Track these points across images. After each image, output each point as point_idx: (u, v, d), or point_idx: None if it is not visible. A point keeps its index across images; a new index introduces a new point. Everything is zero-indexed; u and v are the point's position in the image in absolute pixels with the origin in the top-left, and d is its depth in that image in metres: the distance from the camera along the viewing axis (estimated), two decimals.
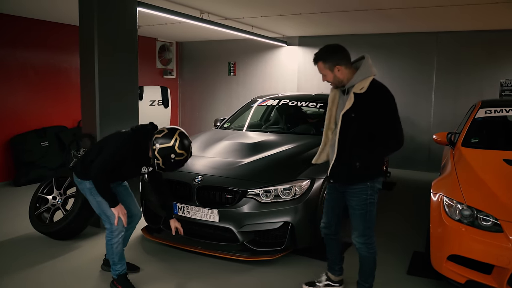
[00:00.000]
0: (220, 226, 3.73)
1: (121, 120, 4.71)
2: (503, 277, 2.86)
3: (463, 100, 7.56)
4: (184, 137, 3.15)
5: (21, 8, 6.11)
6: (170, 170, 3.22)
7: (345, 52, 2.90)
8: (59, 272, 3.66)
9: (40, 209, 4.41)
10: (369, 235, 2.96)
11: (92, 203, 3.29)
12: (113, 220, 3.17)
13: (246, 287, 3.44)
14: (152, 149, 3.12)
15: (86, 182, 3.27)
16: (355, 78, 2.84)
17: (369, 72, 2.84)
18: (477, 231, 3.01)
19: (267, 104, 5.79)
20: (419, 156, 8.07)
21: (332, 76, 2.90)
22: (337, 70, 2.86)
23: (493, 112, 4.59)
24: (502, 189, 3.22)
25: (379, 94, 2.82)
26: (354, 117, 2.81)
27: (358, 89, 2.80)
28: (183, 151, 3.12)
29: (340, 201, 3.09)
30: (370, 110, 2.79)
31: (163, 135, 3.12)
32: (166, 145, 3.08)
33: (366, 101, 2.79)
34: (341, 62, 2.86)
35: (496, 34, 7.32)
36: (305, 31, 8.29)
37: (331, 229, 3.19)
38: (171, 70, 9.93)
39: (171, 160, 3.11)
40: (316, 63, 2.94)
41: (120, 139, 3.23)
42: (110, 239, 3.20)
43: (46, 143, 6.97)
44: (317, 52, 2.92)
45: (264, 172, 3.89)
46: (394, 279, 3.59)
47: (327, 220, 3.20)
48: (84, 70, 4.56)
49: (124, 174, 3.37)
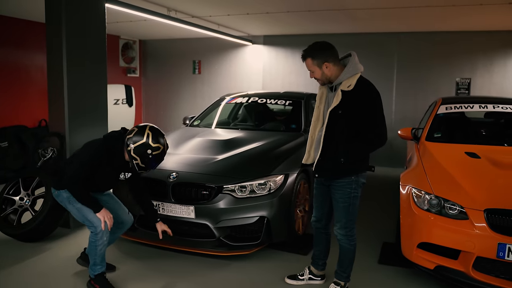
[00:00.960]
0: (196, 222, 3.74)
1: (90, 118, 4.63)
2: (468, 261, 3.05)
3: (422, 97, 7.91)
4: (156, 131, 3.15)
5: None
6: (151, 168, 3.20)
7: (333, 50, 2.98)
8: (30, 275, 3.55)
9: (6, 211, 4.25)
10: (350, 227, 3.07)
11: (73, 212, 3.20)
12: (98, 224, 3.10)
13: (227, 282, 3.47)
14: (127, 150, 3.10)
15: (62, 192, 3.21)
16: (343, 76, 2.93)
17: (356, 69, 2.94)
18: (445, 219, 3.19)
19: (236, 102, 5.83)
20: (381, 152, 8.28)
21: (320, 73, 2.98)
22: (325, 67, 2.94)
23: (453, 109, 4.85)
24: (466, 180, 3.42)
25: (366, 92, 2.92)
26: (341, 114, 2.89)
27: (345, 86, 2.90)
28: (158, 144, 3.11)
29: (327, 195, 3.17)
30: (356, 107, 2.88)
31: (134, 134, 3.10)
32: (140, 142, 3.07)
33: (353, 98, 2.88)
34: (329, 59, 2.94)
35: (453, 35, 7.72)
36: (271, 30, 8.39)
37: (321, 223, 3.28)
38: (134, 69, 9.78)
39: (149, 157, 3.10)
40: (304, 60, 3.00)
41: (92, 147, 3.18)
42: (95, 241, 3.13)
43: (6, 143, 6.70)
44: (306, 49, 2.99)
45: (239, 168, 3.94)
46: (366, 268, 3.73)
47: (317, 214, 3.28)
48: (52, 67, 4.44)
49: (102, 182, 3.30)
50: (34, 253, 3.94)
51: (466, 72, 7.78)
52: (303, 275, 3.44)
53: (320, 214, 3.27)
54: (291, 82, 8.79)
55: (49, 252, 4.00)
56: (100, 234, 3.11)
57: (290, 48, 8.83)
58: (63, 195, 3.21)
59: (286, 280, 3.45)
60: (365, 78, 2.99)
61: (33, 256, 3.88)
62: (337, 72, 2.96)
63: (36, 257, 3.88)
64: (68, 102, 4.39)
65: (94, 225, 3.11)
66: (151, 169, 3.22)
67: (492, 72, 7.64)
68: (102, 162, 3.15)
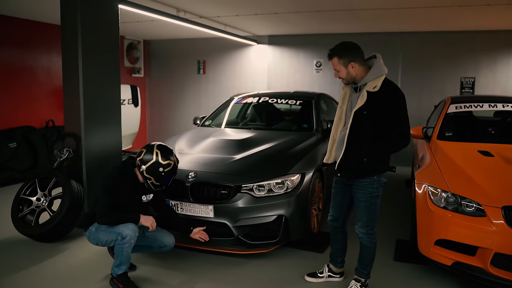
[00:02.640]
0: (215, 221, 3.79)
1: (105, 118, 4.67)
2: (487, 257, 3.11)
3: (426, 97, 8.00)
4: (164, 148, 3.33)
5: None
6: (166, 184, 3.38)
7: (360, 50, 3.03)
8: (49, 275, 3.58)
9: (23, 211, 4.29)
10: (371, 226, 3.13)
11: (104, 237, 3.25)
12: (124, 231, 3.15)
13: (246, 280, 3.52)
14: (140, 172, 3.29)
15: (91, 229, 3.32)
16: (368, 77, 2.98)
17: (381, 71, 2.99)
18: (462, 216, 3.25)
19: (246, 101, 5.88)
20: None
21: (346, 72, 3.02)
22: (351, 66, 2.99)
23: (463, 108, 4.92)
24: (482, 177, 3.48)
25: (391, 93, 2.96)
26: (366, 114, 2.94)
27: (371, 87, 2.94)
28: (168, 161, 3.30)
29: (347, 194, 3.22)
30: (381, 109, 2.92)
31: (144, 155, 3.29)
32: (151, 162, 3.26)
33: (378, 99, 2.93)
34: (356, 59, 2.99)
35: (456, 35, 7.80)
36: (276, 30, 8.44)
37: (339, 222, 3.33)
38: (139, 69, 9.80)
39: (161, 174, 3.28)
40: (330, 59, 3.05)
41: (108, 176, 3.30)
42: (122, 245, 3.18)
43: (14, 144, 6.73)
44: (332, 48, 3.04)
45: (257, 167, 3.99)
46: (383, 264, 3.79)
47: (335, 213, 3.33)
48: (67, 68, 4.47)
49: (128, 208, 3.35)
50: (52, 254, 3.98)
51: (470, 71, 7.87)
52: (323, 273, 3.49)
53: (338, 213, 3.32)
54: (296, 81, 8.85)
55: (67, 252, 4.03)
56: (128, 238, 3.16)
57: (295, 47, 8.88)
58: (91, 230, 3.32)
59: (306, 278, 3.50)
60: (390, 80, 3.05)
61: (51, 257, 3.92)
62: (363, 73, 3.02)
63: (54, 257, 3.92)
64: (84, 102, 4.42)
65: (122, 234, 3.16)
66: (167, 185, 3.41)
67: (496, 71, 7.73)
68: (121, 188, 3.27)
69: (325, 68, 8.71)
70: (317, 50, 8.73)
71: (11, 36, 6.92)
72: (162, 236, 3.50)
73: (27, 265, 3.73)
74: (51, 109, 7.58)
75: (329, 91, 8.16)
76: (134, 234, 3.19)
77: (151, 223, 3.28)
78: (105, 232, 3.24)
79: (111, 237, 3.21)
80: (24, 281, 3.47)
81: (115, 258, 3.27)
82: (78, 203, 4.22)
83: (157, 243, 3.49)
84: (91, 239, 3.35)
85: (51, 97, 7.61)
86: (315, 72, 8.77)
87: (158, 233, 3.48)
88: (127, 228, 3.17)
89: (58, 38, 4.67)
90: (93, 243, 3.36)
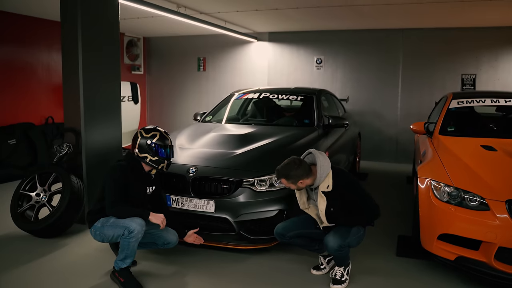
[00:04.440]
0: (216, 216, 3.76)
1: (105, 114, 4.64)
2: (490, 252, 3.09)
3: (427, 93, 7.97)
4: (146, 127, 3.45)
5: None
6: (164, 156, 3.40)
7: (305, 164, 3.19)
8: (49, 270, 3.56)
9: (23, 207, 4.26)
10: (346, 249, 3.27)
11: (110, 232, 3.20)
12: (132, 226, 3.10)
13: (248, 275, 3.49)
14: (137, 156, 3.36)
15: (96, 225, 3.28)
16: (318, 180, 3.17)
17: (327, 169, 3.19)
18: (465, 210, 3.23)
19: (247, 97, 5.85)
20: (387, 148, 8.42)
21: (296, 187, 3.24)
22: (300, 183, 3.19)
23: (465, 103, 4.89)
24: (485, 171, 3.46)
25: (345, 184, 3.23)
26: (333, 210, 3.20)
27: (324, 188, 3.18)
28: (152, 132, 3.40)
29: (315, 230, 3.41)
30: (343, 199, 3.21)
31: (132, 143, 3.40)
32: (138, 141, 3.36)
33: (336, 194, 3.19)
34: (303, 176, 3.17)
35: (457, 31, 7.77)
36: (276, 27, 8.41)
37: (285, 237, 3.42)
38: (139, 66, 9.77)
39: (153, 146, 3.34)
40: (278, 179, 3.26)
41: (112, 171, 3.30)
42: (129, 239, 3.12)
43: (14, 141, 6.69)
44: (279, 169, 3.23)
45: (258, 162, 3.96)
46: (385, 260, 3.77)
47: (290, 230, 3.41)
48: (67, 62, 4.43)
49: (134, 200, 3.33)
50: (52, 249, 3.95)
51: (471, 68, 7.84)
52: (323, 264, 3.53)
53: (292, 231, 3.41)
54: (297, 78, 8.81)
55: (67, 248, 4.01)
56: (135, 232, 3.10)
57: (295, 44, 8.85)
58: (97, 226, 3.27)
59: (312, 271, 3.53)
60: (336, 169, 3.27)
61: (51, 252, 3.89)
62: (312, 180, 3.20)
63: (54, 252, 3.89)
64: (84, 97, 4.38)
65: (129, 229, 3.11)
66: (166, 158, 3.43)
67: (497, 67, 7.70)
68: (129, 178, 3.28)
69: (326, 65, 8.68)
70: (318, 47, 8.69)
71: (11, 33, 6.88)
72: (166, 233, 3.45)
73: (26, 260, 3.70)
74: (50, 106, 7.54)
75: (329, 88, 8.15)
76: (142, 229, 3.14)
77: (161, 221, 3.23)
78: (111, 227, 3.18)
79: (118, 232, 3.14)
80: (23, 276, 3.44)
81: (119, 252, 3.22)
82: (78, 198, 4.19)
83: (161, 240, 3.44)
84: (97, 235, 3.28)
85: (50, 94, 7.57)
86: (316, 69, 8.74)
87: (163, 230, 3.43)
88: (135, 222, 3.11)
89: (58, 35, 4.62)
90: (99, 240, 3.30)
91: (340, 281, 3.27)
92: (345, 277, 3.29)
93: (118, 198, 3.19)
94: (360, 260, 3.67)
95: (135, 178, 3.34)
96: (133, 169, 3.34)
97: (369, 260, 3.72)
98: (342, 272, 3.29)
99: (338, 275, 3.29)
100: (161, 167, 3.42)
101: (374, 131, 8.41)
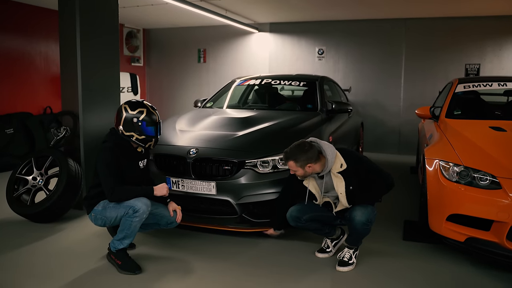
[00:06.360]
0: (217, 199, 3.65)
1: (103, 96, 4.54)
2: (502, 232, 2.98)
3: (430, 84, 7.86)
4: (132, 102, 3.19)
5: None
6: (151, 134, 3.16)
7: (314, 149, 3.06)
8: (45, 253, 3.44)
9: (19, 191, 4.14)
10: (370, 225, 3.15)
11: (113, 213, 3.04)
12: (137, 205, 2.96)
13: (249, 259, 3.38)
14: (122, 134, 3.12)
15: (96, 209, 3.12)
16: (330, 161, 3.06)
17: (333, 151, 3.09)
18: (476, 189, 3.12)
19: (248, 84, 5.74)
20: (390, 139, 8.31)
21: (303, 172, 3.09)
22: (308, 167, 3.06)
23: (472, 87, 4.78)
24: (496, 150, 3.35)
25: (357, 159, 3.17)
26: (352, 188, 3.10)
27: (338, 168, 3.08)
28: (139, 109, 3.12)
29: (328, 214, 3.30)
30: (359, 175, 3.12)
31: (116, 118, 3.15)
32: (123, 118, 3.10)
33: (351, 172, 3.10)
34: (311, 160, 3.04)
35: (461, 21, 7.66)
36: (277, 17, 8.30)
37: (301, 221, 3.27)
38: (138, 58, 9.66)
39: (139, 124, 3.10)
40: (286, 162, 3.11)
41: (103, 152, 3.09)
42: (131, 218, 2.97)
43: (11, 130, 6.58)
44: (288, 151, 3.09)
45: (261, 143, 3.85)
46: (392, 244, 3.67)
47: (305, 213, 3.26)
48: (65, 46, 4.35)
49: (130, 178, 3.17)
50: (48, 233, 3.84)
51: (475, 58, 7.73)
52: (329, 247, 3.43)
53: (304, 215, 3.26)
54: (298, 69, 8.70)
55: (64, 232, 3.90)
56: (141, 212, 2.96)
57: (296, 35, 8.74)
58: (98, 209, 3.11)
59: (317, 254, 3.42)
60: (343, 150, 3.19)
61: (47, 236, 3.78)
62: (321, 166, 3.09)
63: (50, 236, 3.78)
64: (82, 80, 4.28)
65: (134, 208, 2.96)
66: (153, 135, 3.18)
67: (502, 57, 7.59)
68: (120, 158, 3.09)
69: (328, 55, 8.57)
70: (319, 37, 8.59)
71: (9, 22, 6.77)
72: (168, 213, 3.29)
73: (21, 244, 3.58)
74: (49, 96, 7.44)
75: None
76: (147, 209, 3.00)
77: (166, 190, 3.12)
78: (114, 208, 3.02)
79: (121, 212, 2.98)
80: (16, 259, 3.32)
81: (118, 232, 3.07)
82: (75, 182, 4.08)
83: (164, 219, 3.26)
84: (98, 219, 3.11)
85: (49, 84, 7.47)
86: (317, 59, 8.63)
87: (165, 209, 3.28)
88: (141, 201, 2.97)
89: (56, 24, 4.48)
90: (100, 224, 3.14)
91: (348, 263, 3.16)
92: (353, 260, 3.18)
93: (117, 183, 3.01)
94: (366, 244, 3.55)
95: (126, 157, 3.14)
96: (121, 148, 3.12)
97: (375, 244, 3.61)
98: (351, 254, 3.18)
99: (347, 257, 3.18)
100: (148, 146, 3.21)
101: (376, 123, 8.30)
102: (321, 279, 3.04)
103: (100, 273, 3.10)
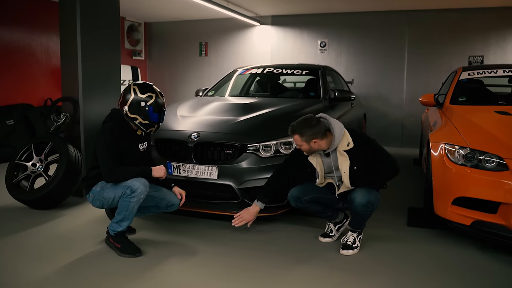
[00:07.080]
0: (219, 183, 3.59)
1: (104, 83, 4.50)
2: (510, 214, 2.91)
3: (433, 76, 7.78)
4: (142, 84, 3.10)
5: None
6: (155, 120, 3.10)
7: (321, 124, 3.01)
8: (44, 238, 3.38)
9: (18, 177, 4.10)
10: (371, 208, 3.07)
11: (110, 193, 2.98)
12: (135, 184, 2.90)
13: (250, 245, 3.32)
14: (125, 115, 3.05)
15: (94, 190, 3.06)
16: (337, 138, 3.00)
17: (342, 128, 3.03)
18: (482, 171, 3.06)
19: (251, 73, 5.69)
20: (393, 131, 8.25)
21: (309, 147, 3.03)
22: (313, 142, 3.00)
23: (476, 74, 4.72)
24: (502, 133, 3.29)
25: (366, 140, 3.09)
26: (357, 169, 3.02)
27: (345, 146, 3.01)
28: (148, 93, 3.05)
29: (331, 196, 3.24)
30: (366, 157, 3.03)
31: (122, 97, 3.06)
32: (130, 99, 3.02)
33: (358, 152, 3.02)
34: (317, 135, 2.98)
35: (464, 12, 7.60)
36: (280, 9, 8.25)
37: (302, 201, 3.22)
38: (139, 51, 9.61)
39: (146, 109, 3.03)
40: (292, 135, 3.05)
41: (102, 133, 3.04)
42: (129, 199, 2.92)
43: (12, 121, 6.55)
44: (294, 124, 3.03)
45: (263, 127, 3.80)
46: (396, 230, 3.61)
47: (306, 194, 3.20)
48: (65, 32, 4.32)
49: (129, 160, 3.11)
50: (47, 219, 3.79)
51: (478, 50, 7.67)
52: (332, 231, 3.37)
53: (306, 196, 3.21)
54: (300, 62, 8.61)
55: (63, 218, 3.85)
56: (138, 191, 2.91)
57: (298, 28, 8.69)
58: (96, 190, 3.05)
59: (320, 239, 3.36)
60: (351, 130, 3.11)
61: (46, 222, 3.73)
62: (326, 143, 3.02)
63: (49, 222, 3.73)
64: (82, 66, 4.24)
65: (132, 188, 2.91)
66: (156, 122, 3.13)
67: (505, 49, 7.52)
68: (119, 139, 3.03)
69: (330, 48, 8.51)
70: (321, 30, 8.53)
71: (11, 14, 6.73)
72: (169, 195, 3.24)
73: (19, 229, 3.53)
74: (49, 88, 7.39)
75: None
76: (145, 190, 2.94)
77: (164, 172, 3.07)
78: (111, 188, 2.96)
79: (118, 192, 2.93)
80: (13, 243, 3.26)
81: (116, 214, 3.01)
82: (75, 168, 4.03)
83: (164, 202, 3.21)
84: (96, 200, 3.06)
85: (49, 76, 7.42)
86: (320, 52, 8.57)
87: (165, 192, 3.24)
88: (138, 181, 2.92)
89: (57, 16, 4.43)
90: (98, 205, 3.09)
91: (351, 246, 3.10)
92: (357, 244, 3.12)
93: (115, 164, 2.96)
94: (370, 229, 3.49)
95: (126, 139, 3.08)
96: (121, 129, 3.07)
97: (379, 230, 3.55)
98: (355, 238, 3.12)
99: (350, 241, 3.12)
100: (149, 131, 3.17)
101: (379, 115, 8.24)
102: (324, 262, 2.98)
103: (99, 256, 3.04)
